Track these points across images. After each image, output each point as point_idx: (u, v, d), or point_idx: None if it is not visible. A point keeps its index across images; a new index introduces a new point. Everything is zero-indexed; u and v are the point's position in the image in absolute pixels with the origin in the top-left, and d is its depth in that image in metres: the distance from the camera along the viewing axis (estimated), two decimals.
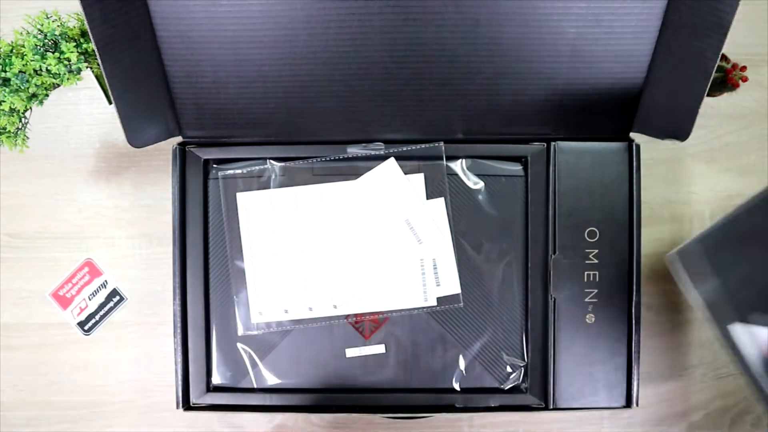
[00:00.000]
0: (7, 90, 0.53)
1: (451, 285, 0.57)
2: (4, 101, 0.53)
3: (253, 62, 0.54)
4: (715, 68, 0.51)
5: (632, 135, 0.59)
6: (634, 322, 0.57)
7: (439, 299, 0.58)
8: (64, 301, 0.68)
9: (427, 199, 0.57)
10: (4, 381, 0.68)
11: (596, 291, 0.57)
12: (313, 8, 0.51)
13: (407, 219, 0.57)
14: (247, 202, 0.58)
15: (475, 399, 0.58)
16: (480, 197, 0.58)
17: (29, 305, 0.68)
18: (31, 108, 0.57)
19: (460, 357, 0.58)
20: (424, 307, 0.57)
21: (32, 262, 0.68)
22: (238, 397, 0.58)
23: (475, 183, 0.58)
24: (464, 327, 0.58)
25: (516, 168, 0.58)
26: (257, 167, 0.58)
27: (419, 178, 0.57)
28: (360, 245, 0.57)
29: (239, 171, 0.58)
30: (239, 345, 0.58)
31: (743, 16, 0.48)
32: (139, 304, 0.68)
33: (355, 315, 0.58)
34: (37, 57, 0.53)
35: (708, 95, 0.53)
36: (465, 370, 0.58)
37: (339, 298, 0.58)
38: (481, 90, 0.56)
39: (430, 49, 0.54)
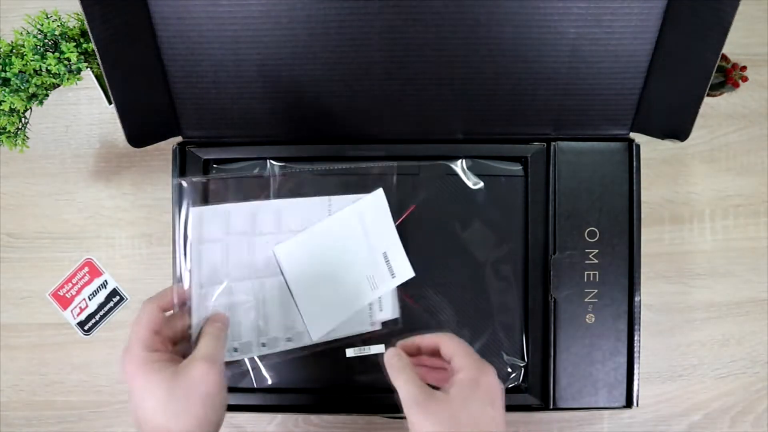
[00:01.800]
0: (7, 90, 0.53)
1: (392, 310, 0.57)
2: (4, 101, 0.53)
3: (253, 62, 0.54)
4: (715, 68, 0.51)
5: (632, 135, 0.59)
6: (634, 321, 0.57)
7: (383, 323, 0.57)
8: (64, 301, 0.67)
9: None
10: (4, 381, 0.68)
11: (596, 291, 0.57)
12: (313, 8, 0.51)
13: (385, 252, 0.56)
14: (200, 217, 0.52)
15: None
16: (480, 197, 0.58)
17: (29, 305, 0.68)
18: (31, 108, 0.57)
19: None
20: (369, 332, 0.56)
21: (32, 262, 0.68)
22: (238, 397, 0.58)
23: (475, 183, 0.58)
24: (464, 327, 0.58)
25: (516, 168, 0.58)
26: (257, 167, 0.58)
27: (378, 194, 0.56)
28: (322, 270, 0.55)
29: (240, 172, 0.58)
30: None
31: (743, 16, 0.48)
32: (139, 304, 0.67)
33: (312, 345, 0.55)
34: (37, 57, 0.53)
35: (708, 95, 0.53)
36: None
37: (294, 329, 0.55)
38: (481, 90, 0.56)
39: (430, 49, 0.54)
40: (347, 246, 0.55)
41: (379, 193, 0.56)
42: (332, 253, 0.55)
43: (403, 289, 0.57)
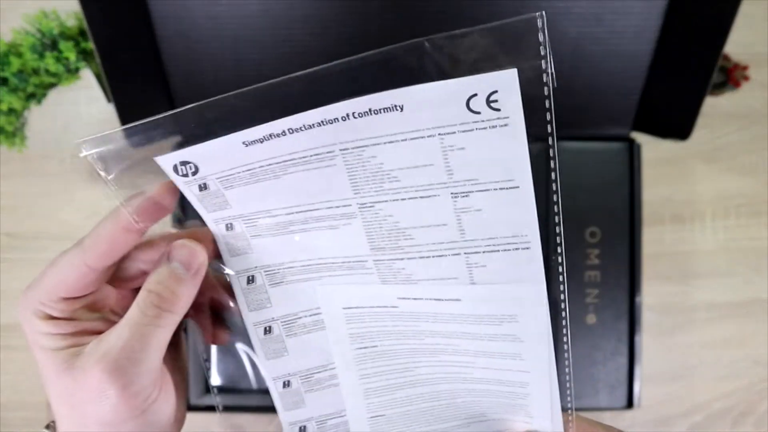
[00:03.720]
0: (6, 89, 0.53)
1: None
2: (2, 101, 0.53)
3: (253, 62, 0.54)
4: (717, 68, 0.51)
5: (633, 134, 0.59)
6: (635, 322, 0.57)
7: None
8: None
9: None
10: (4, 381, 0.68)
11: (597, 291, 0.57)
12: (313, 8, 0.51)
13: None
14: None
15: None
16: None
17: None
18: (29, 107, 0.57)
19: None
20: None
21: (32, 262, 0.68)
22: (237, 398, 0.58)
23: None
24: None
25: None
26: None
27: None
28: None
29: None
30: (239, 345, 0.58)
31: (745, 16, 0.48)
32: None
33: None
34: (35, 56, 0.52)
35: (710, 94, 0.53)
36: None
37: None
38: None
39: None
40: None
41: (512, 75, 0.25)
42: None
43: None
